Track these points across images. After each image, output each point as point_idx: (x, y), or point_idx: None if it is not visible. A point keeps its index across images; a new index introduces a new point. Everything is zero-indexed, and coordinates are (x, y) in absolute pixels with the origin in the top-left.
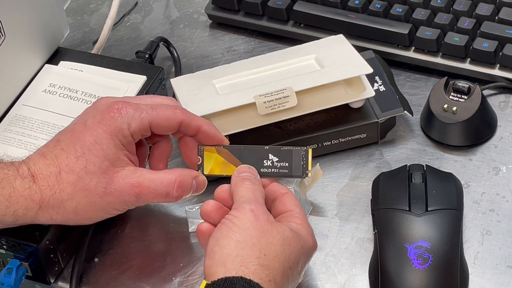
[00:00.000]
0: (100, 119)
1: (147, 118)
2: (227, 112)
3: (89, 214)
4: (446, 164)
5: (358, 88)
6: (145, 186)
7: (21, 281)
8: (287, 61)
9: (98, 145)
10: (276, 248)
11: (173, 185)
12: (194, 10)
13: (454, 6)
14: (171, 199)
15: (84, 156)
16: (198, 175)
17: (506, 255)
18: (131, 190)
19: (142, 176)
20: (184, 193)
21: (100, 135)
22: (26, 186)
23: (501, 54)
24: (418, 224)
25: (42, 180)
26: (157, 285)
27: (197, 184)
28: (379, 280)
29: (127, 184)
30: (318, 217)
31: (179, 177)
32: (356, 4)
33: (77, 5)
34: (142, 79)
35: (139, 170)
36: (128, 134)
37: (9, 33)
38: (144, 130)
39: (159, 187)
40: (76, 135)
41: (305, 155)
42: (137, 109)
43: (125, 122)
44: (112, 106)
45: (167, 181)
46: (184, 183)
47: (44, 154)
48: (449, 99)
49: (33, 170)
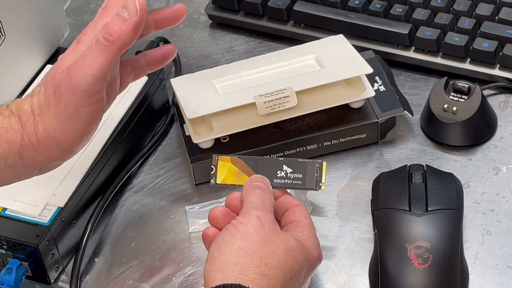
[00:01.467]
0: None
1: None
2: (227, 112)
3: (68, 124)
4: (446, 164)
5: (358, 88)
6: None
7: (21, 281)
8: (287, 61)
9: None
10: (278, 258)
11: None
12: (194, 10)
13: (454, 6)
14: (106, 38)
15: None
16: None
17: (506, 255)
18: (68, 70)
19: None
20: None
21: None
22: (5, 120)
23: (501, 54)
24: (418, 224)
25: (20, 112)
26: (157, 285)
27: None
28: (379, 280)
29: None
30: (318, 217)
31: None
32: (356, 4)
33: (77, 5)
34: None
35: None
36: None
37: (9, 33)
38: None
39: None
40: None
41: (319, 168)
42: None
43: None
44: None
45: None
46: (110, 22)
47: (24, 97)
48: (449, 99)
49: (11, 106)
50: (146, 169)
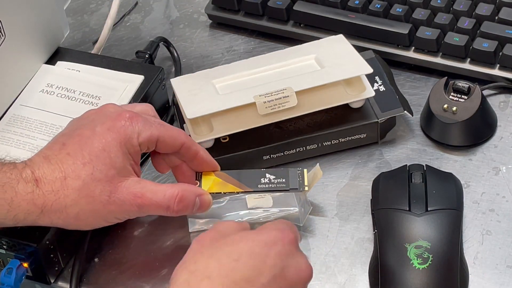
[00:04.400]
0: (110, 126)
1: (156, 132)
2: (227, 112)
3: (90, 220)
4: (446, 164)
5: (358, 88)
6: (148, 197)
7: (21, 281)
8: (287, 61)
9: (106, 153)
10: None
11: (174, 199)
12: (194, 10)
13: (454, 6)
14: (172, 213)
15: (91, 162)
16: (203, 193)
17: (506, 255)
18: (133, 201)
19: (145, 188)
20: (186, 209)
21: (109, 142)
22: (28, 191)
23: (501, 54)
24: (418, 224)
25: (46, 185)
26: (157, 285)
27: (200, 202)
28: (379, 280)
29: (130, 194)
30: (318, 217)
31: (182, 192)
32: (356, 4)
33: (77, 5)
34: (140, 78)
35: (142, 181)
36: (137, 144)
37: (9, 33)
38: (151, 143)
39: (160, 199)
40: (84, 140)
41: (301, 174)
42: (147, 121)
43: (135, 132)
44: (123, 114)
45: (169, 194)
46: (185, 198)
47: (48, 158)
48: (449, 99)
49: (37, 174)
50: (146, 169)
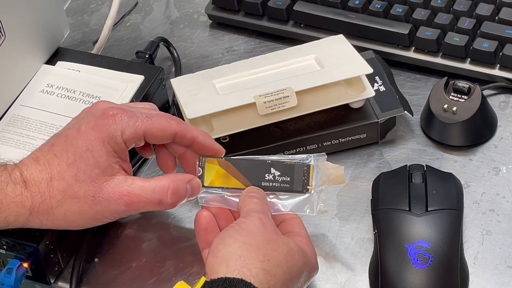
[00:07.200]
0: (94, 125)
1: (141, 126)
2: (227, 112)
3: (78, 221)
4: (446, 164)
5: (358, 88)
6: (135, 194)
7: (21, 281)
8: (287, 61)
9: (89, 153)
10: (280, 257)
11: (166, 192)
12: (194, 10)
13: (454, 6)
14: (166, 206)
15: (75, 163)
16: (192, 178)
17: (506, 255)
18: (120, 199)
19: (133, 185)
20: (180, 199)
21: (92, 141)
22: (17, 192)
23: (501, 54)
24: (418, 224)
25: (34, 186)
26: (157, 285)
27: (191, 188)
28: (379, 280)
29: (116, 193)
30: (318, 217)
31: (173, 183)
32: (356, 4)
33: (77, 5)
34: (140, 78)
35: (129, 178)
36: (121, 141)
37: (9, 33)
38: (138, 138)
39: (150, 194)
40: (69, 141)
41: (306, 171)
42: (132, 116)
43: (119, 129)
44: (107, 112)
45: (159, 188)
46: (178, 189)
47: (37, 158)
48: (449, 99)
49: (25, 175)
50: (146, 169)
